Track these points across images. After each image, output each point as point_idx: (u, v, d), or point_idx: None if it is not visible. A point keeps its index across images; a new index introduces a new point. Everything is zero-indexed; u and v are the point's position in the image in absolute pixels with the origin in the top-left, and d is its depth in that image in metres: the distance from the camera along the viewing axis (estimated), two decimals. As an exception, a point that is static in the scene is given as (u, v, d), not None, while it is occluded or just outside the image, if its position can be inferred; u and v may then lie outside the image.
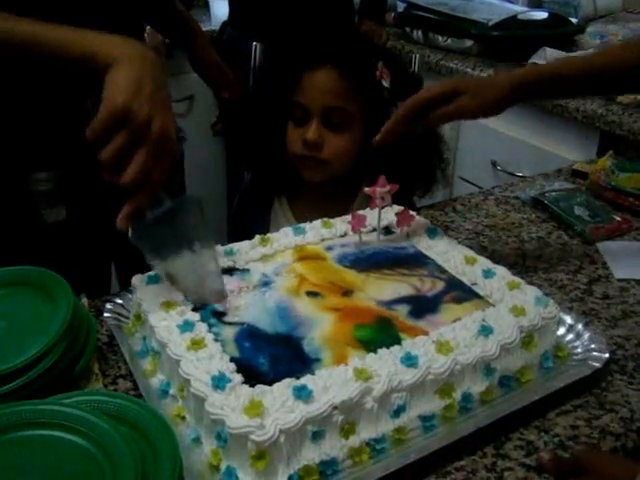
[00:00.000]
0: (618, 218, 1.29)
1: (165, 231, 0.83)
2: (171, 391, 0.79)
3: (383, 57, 1.28)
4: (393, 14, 2.53)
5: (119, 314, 0.93)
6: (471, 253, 0.98)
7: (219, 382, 0.71)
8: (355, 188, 1.32)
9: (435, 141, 1.30)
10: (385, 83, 1.25)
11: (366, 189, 1.00)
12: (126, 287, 0.95)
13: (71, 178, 1.13)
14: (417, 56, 1.68)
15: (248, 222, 1.37)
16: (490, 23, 2.17)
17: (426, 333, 0.81)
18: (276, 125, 1.28)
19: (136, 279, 0.90)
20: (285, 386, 0.71)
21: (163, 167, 0.80)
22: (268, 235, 1.01)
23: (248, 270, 0.95)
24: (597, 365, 0.85)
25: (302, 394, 0.70)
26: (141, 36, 1.34)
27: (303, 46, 1.30)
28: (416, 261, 0.99)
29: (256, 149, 1.33)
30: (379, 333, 0.83)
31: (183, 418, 0.76)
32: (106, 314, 0.92)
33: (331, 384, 0.72)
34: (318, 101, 1.23)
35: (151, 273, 0.90)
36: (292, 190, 1.37)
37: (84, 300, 0.93)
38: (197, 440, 0.73)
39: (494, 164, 2.04)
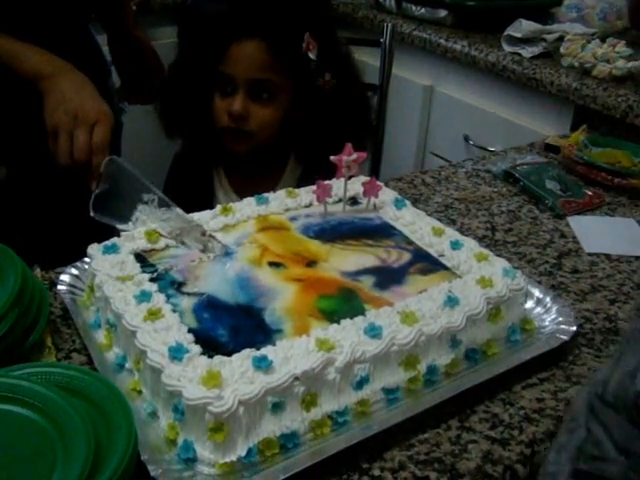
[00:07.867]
0: (589, 193, 1.28)
1: (116, 195, 0.88)
2: (127, 365, 0.77)
3: (311, 27, 1.27)
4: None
5: (74, 286, 0.89)
6: (439, 224, 0.96)
7: (176, 353, 0.69)
8: (285, 157, 1.35)
9: (362, 105, 1.35)
10: (312, 55, 1.25)
11: (332, 157, 0.98)
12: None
13: (11, 136, 1.11)
14: (389, 26, 1.66)
15: (187, 192, 1.33)
16: (465, -7, 2.13)
17: (391, 304, 0.79)
18: (203, 95, 1.28)
19: (91, 248, 0.87)
20: (244, 357, 0.69)
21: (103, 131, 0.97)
22: (230, 204, 0.98)
23: (210, 240, 0.92)
24: (564, 338, 0.84)
25: (262, 364, 0.68)
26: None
27: (231, 17, 1.30)
28: (382, 232, 0.96)
29: (185, 119, 1.33)
30: (343, 304, 0.81)
31: (139, 392, 0.74)
32: (60, 286, 0.88)
33: (292, 355, 0.70)
34: (244, 73, 1.24)
35: (107, 243, 0.87)
36: (227, 161, 1.37)
37: (37, 271, 0.89)
38: (153, 414, 0.71)
39: (466, 138, 2.02)
